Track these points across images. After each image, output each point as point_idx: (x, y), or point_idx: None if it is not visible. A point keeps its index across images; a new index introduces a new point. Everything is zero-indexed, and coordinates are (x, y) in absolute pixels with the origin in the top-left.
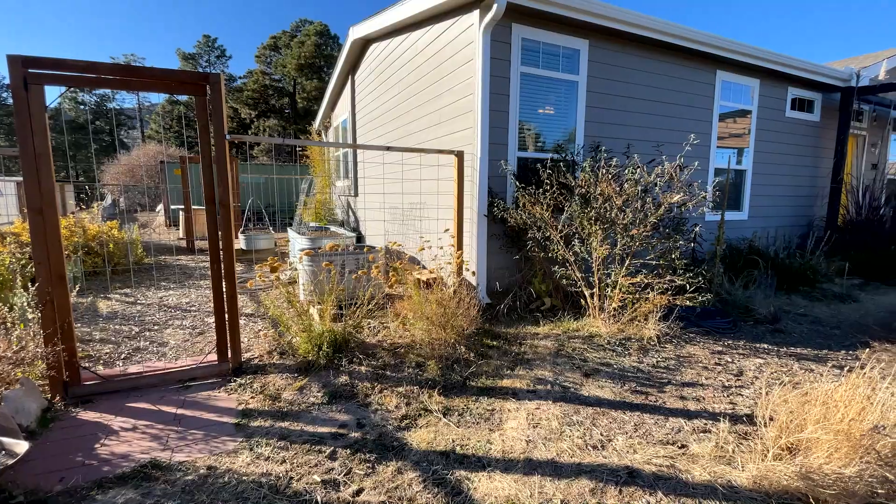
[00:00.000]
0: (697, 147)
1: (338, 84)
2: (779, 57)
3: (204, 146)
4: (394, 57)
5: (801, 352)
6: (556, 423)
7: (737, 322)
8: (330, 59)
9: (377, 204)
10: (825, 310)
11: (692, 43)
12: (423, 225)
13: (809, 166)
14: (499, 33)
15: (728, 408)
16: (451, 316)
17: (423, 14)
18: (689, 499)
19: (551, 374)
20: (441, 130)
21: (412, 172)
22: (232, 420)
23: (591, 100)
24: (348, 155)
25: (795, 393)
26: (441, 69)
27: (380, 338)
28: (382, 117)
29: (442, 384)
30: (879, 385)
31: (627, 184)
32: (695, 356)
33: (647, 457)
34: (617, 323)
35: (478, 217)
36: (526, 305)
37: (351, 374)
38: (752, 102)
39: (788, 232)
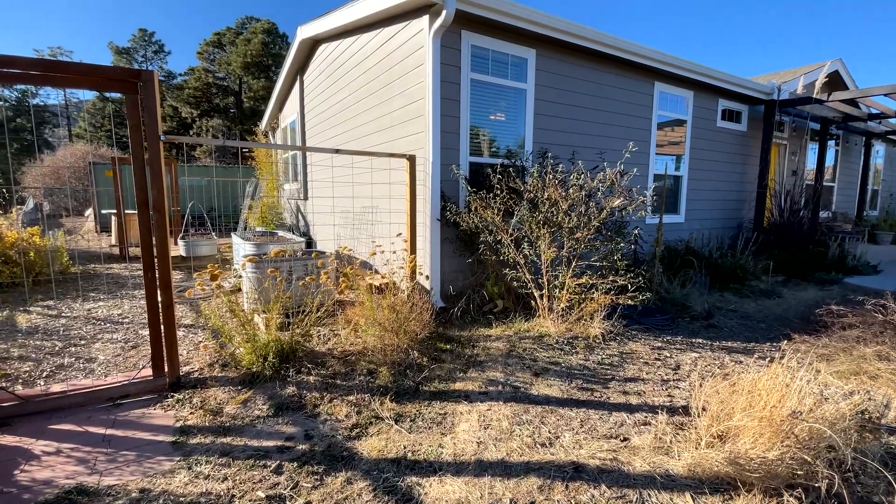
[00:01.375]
0: (638, 154)
1: (286, 84)
2: (710, 71)
3: (136, 147)
4: (344, 58)
5: (731, 345)
6: (506, 424)
7: (675, 319)
8: (278, 59)
9: (328, 208)
10: (753, 305)
11: (632, 56)
12: (376, 229)
13: (738, 172)
14: (449, 39)
15: (666, 400)
16: (405, 321)
17: (373, 17)
18: (630, 489)
19: (503, 374)
20: (393, 134)
21: (363, 176)
22: (168, 438)
23: (539, 107)
24: (297, 157)
25: (725, 384)
26: (392, 72)
27: (330, 346)
28: (332, 119)
29: (394, 390)
30: (797, 374)
31: (572, 189)
32: (637, 352)
33: (592, 451)
34: (565, 322)
35: (431, 221)
36: (479, 308)
37: (299, 384)
38: (687, 113)
39: (721, 233)
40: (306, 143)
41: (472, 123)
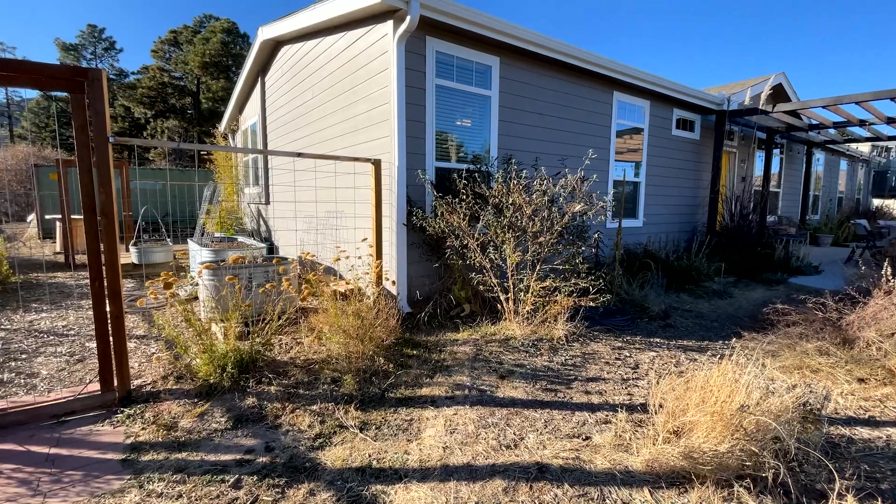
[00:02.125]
0: (598, 161)
1: (246, 85)
2: (665, 82)
3: (82, 149)
4: (307, 61)
5: (687, 343)
6: (472, 427)
7: (634, 319)
8: (238, 59)
9: (290, 212)
10: (706, 305)
11: (592, 66)
12: (340, 234)
13: (692, 179)
14: (413, 45)
15: (626, 399)
16: (370, 327)
17: (336, 20)
18: (591, 487)
19: (469, 378)
20: (358, 138)
21: (327, 180)
22: (118, 456)
23: (504, 114)
24: (258, 160)
25: (680, 381)
26: (356, 76)
27: (292, 355)
28: (295, 122)
29: (359, 398)
30: (745, 370)
31: (536, 194)
32: (598, 353)
33: (555, 451)
34: (530, 325)
35: (397, 226)
36: (446, 312)
37: (259, 395)
38: (644, 121)
39: (677, 237)
40: (268, 146)
41: (438, 129)
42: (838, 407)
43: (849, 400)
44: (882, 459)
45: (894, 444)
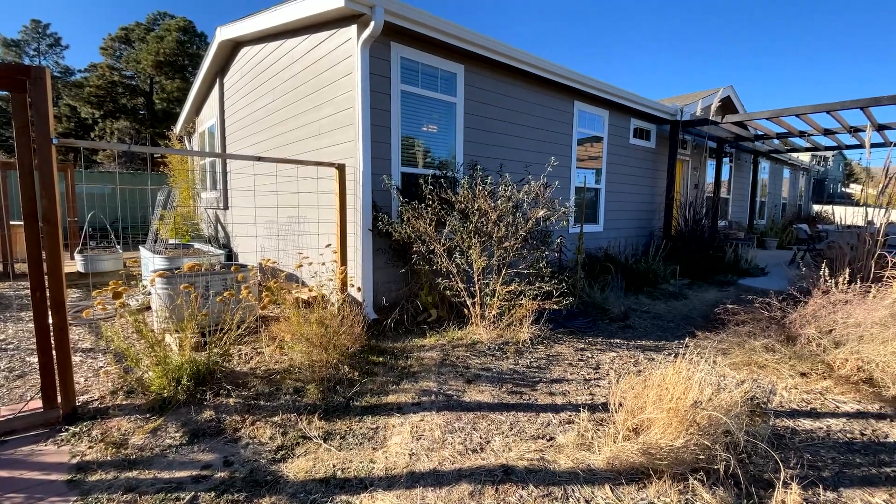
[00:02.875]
0: (560, 168)
1: (203, 86)
2: (623, 92)
3: (23, 151)
4: (269, 62)
5: (645, 343)
6: (438, 433)
7: (596, 321)
8: (195, 59)
9: (250, 218)
10: (663, 306)
11: (554, 75)
12: (303, 240)
13: (649, 185)
14: (378, 50)
15: (588, 399)
16: (334, 335)
17: (299, 22)
18: (555, 487)
19: (436, 384)
20: (321, 142)
21: (289, 185)
22: (63, 477)
23: (469, 121)
24: (217, 164)
25: (638, 380)
26: (320, 79)
27: (252, 365)
28: (256, 125)
29: (323, 408)
30: (698, 367)
31: (501, 200)
32: (562, 354)
33: (520, 453)
34: (496, 329)
35: (362, 231)
36: (413, 318)
37: (217, 408)
38: (604, 130)
39: (635, 241)
40: (226, 149)
41: (404, 134)
42: (783, 400)
43: (792, 393)
44: (823, 448)
45: (834, 434)
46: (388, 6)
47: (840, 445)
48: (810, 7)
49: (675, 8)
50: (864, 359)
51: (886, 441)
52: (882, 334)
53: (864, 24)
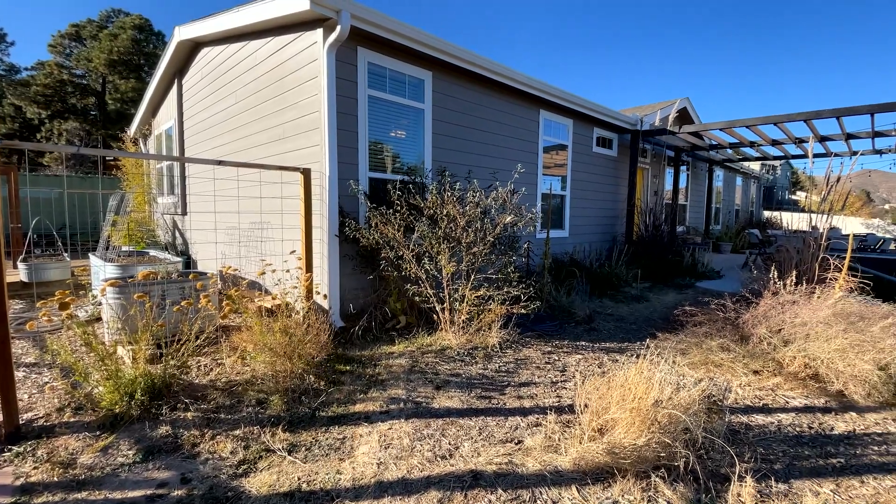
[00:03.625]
0: (527, 175)
1: (161, 87)
2: (586, 102)
3: None
4: (231, 64)
5: (609, 345)
6: (407, 441)
7: (562, 324)
8: (152, 58)
9: (210, 224)
10: (626, 309)
11: (521, 84)
12: (266, 246)
13: (612, 192)
14: (345, 54)
15: (555, 401)
16: (299, 344)
17: (263, 24)
18: (523, 490)
19: (405, 391)
20: (286, 146)
21: (252, 189)
22: (6, 500)
23: (437, 127)
24: (174, 168)
25: (603, 381)
26: (284, 82)
27: (212, 377)
28: (217, 128)
29: (288, 419)
30: (659, 367)
31: (469, 206)
32: (530, 358)
33: (489, 457)
34: (466, 334)
35: (328, 237)
36: (382, 325)
37: (174, 422)
38: (568, 138)
39: (599, 246)
40: (185, 152)
41: (372, 139)
42: (738, 397)
43: (746, 390)
44: (774, 442)
45: (784, 428)
46: (355, 11)
47: (790, 439)
48: (761, 26)
49: (636, 21)
50: (810, 356)
51: (832, 433)
52: (826, 333)
53: (810, 41)
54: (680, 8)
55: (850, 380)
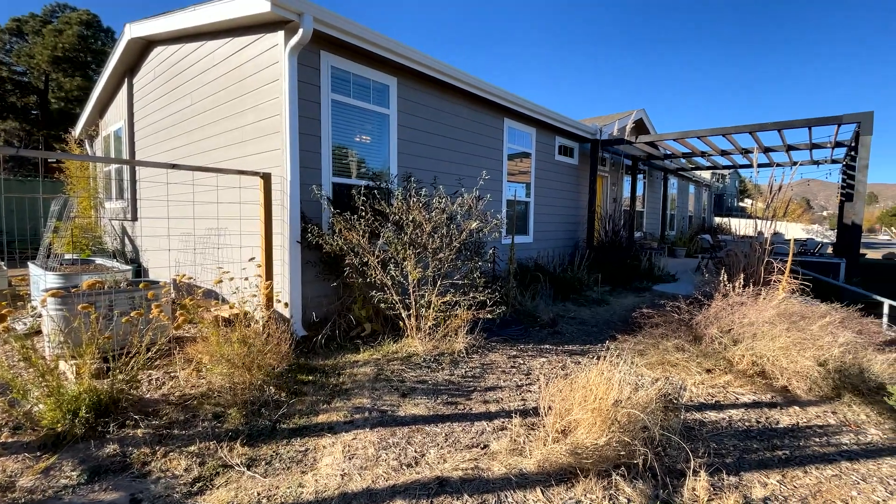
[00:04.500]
0: (492, 182)
1: (109, 86)
2: (549, 112)
3: None
4: (186, 64)
5: (572, 348)
6: (372, 450)
7: (527, 328)
8: (100, 56)
9: (163, 230)
10: (588, 312)
11: (485, 93)
12: (224, 254)
13: (573, 199)
14: (307, 58)
15: (520, 404)
16: (258, 354)
17: (221, 24)
18: (489, 494)
19: (369, 400)
20: (245, 149)
21: (209, 194)
22: None
23: (403, 133)
24: (124, 171)
25: (565, 383)
26: (244, 85)
27: (165, 391)
28: (171, 129)
29: (246, 433)
30: (618, 368)
31: (435, 212)
32: (496, 362)
33: (455, 463)
34: (432, 340)
35: (290, 244)
36: (346, 333)
37: (123, 440)
38: (532, 147)
39: (562, 251)
40: (136, 155)
41: (336, 144)
42: (692, 395)
43: (700, 388)
44: (726, 437)
45: (735, 424)
46: (318, 15)
47: (740, 433)
48: (708, 45)
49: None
50: (757, 354)
51: (778, 427)
52: (771, 332)
53: (752, 55)
54: (629, 28)
55: (794, 376)
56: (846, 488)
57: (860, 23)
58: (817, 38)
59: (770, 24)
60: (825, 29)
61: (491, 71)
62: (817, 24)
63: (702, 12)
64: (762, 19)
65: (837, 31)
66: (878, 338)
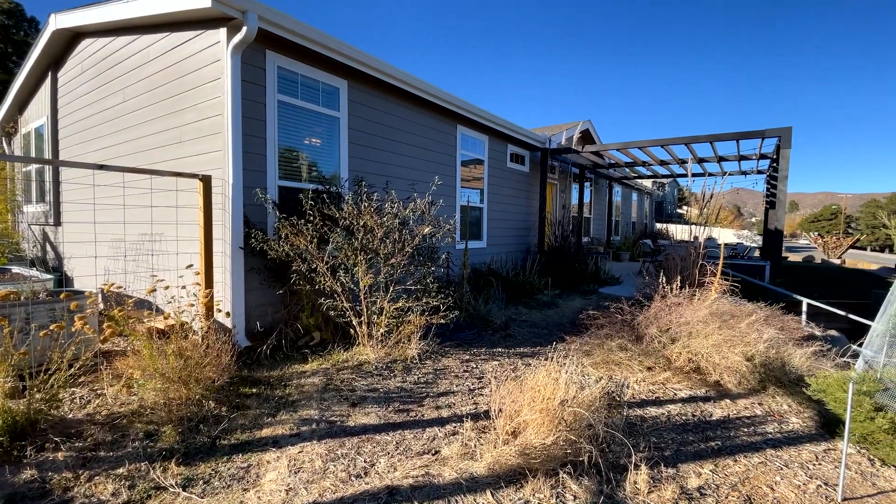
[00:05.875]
0: (446, 187)
1: (31, 79)
2: (501, 120)
3: None
4: (119, 58)
5: (523, 350)
6: (320, 463)
7: (481, 332)
8: (23, 48)
9: (90, 236)
10: (539, 315)
11: (438, 99)
12: (159, 260)
13: (525, 205)
14: (252, 57)
15: (472, 408)
16: (196, 367)
17: (158, 18)
18: (440, 500)
19: (317, 411)
20: (184, 150)
21: (142, 197)
22: None
23: (354, 137)
24: (46, 172)
25: (515, 385)
26: (183, 82)
27: (91, 410)
28: (101, 128)
29: (182, 451)
30: (566, 369)
31: (387, 217)
32: (449, 367)
33: (405, 471)
34: (384, 347)
35: (232, 250)
36: (293, 343)
37: (41, 465)
38: (485, 154)
39: (515, 256)
40: (59, 154)
41: (283, 146)
42: (634, 392)
43: (641, 385)
44: (665, 431)
45: (673, 418)
46: (263, 13)
47: (678, 427)
48: (656, 61)
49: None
50: (692, 351)
51: (711, 420)
52: (704, 330)
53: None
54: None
55: (725, 371)
56: (771, 474)
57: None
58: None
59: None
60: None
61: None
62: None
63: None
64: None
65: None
66: (798, 333)
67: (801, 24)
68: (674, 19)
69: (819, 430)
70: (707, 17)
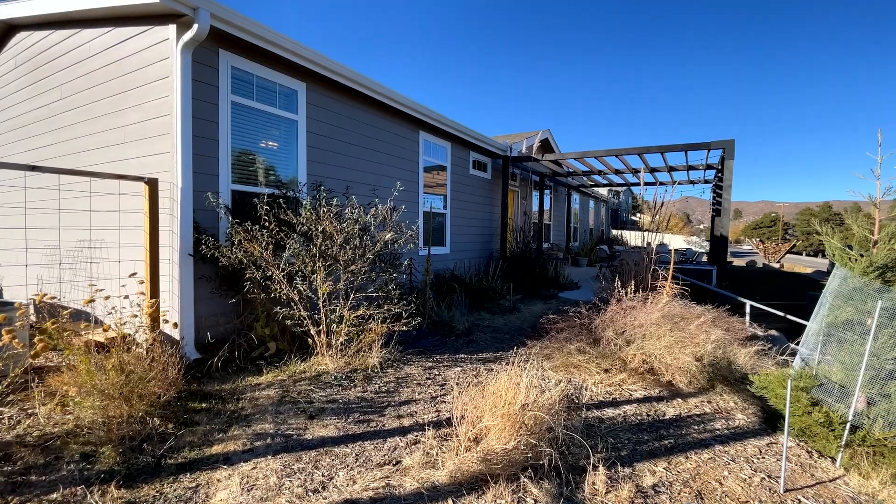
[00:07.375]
0: (408, 192)
1: None
2: (463, 128)
3: None
4: (56, 53)
5: (486, 356)
6: (274, 479)
7: (444, 339)
8: None
9: (20, 243)
10: (501, 320)
11: (399, 104)
12: (100, 269)
13: (488, 212)
14: (203, 56)
15: (435, 416)
16: (140, 382)
17: (99, 12)
18: None
19: (272, 425)
20: (129, 152)
21: (81, 201)
22: None
23: (313, 140)
24: None
25: (477, 391)
26: (127, 80)
27: (20, 431)
28: (35, 126)
29: (123, 473)
30: (526, 373)
31: (347, 223)
32: (411, 375)
33: (365, 483)
34: (344, 357)
35: (181, 257)
36: (247, 354)
37: None
38: (447, 160)
39: (478, 262)
40: None
41: (237, 149)
42: (592, 394)
43: (599, 387)
44: (621, 431)
45: (629, 418)
46: (216, 11)
47: (633, 427)
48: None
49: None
50: (646, 353)
51: (664, 419)
52: (657, 332)
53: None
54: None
55: (677, 371)
56: (720, 469)
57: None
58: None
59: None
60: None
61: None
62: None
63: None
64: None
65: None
66: (742, 334)
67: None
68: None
69: (762, 426)
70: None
